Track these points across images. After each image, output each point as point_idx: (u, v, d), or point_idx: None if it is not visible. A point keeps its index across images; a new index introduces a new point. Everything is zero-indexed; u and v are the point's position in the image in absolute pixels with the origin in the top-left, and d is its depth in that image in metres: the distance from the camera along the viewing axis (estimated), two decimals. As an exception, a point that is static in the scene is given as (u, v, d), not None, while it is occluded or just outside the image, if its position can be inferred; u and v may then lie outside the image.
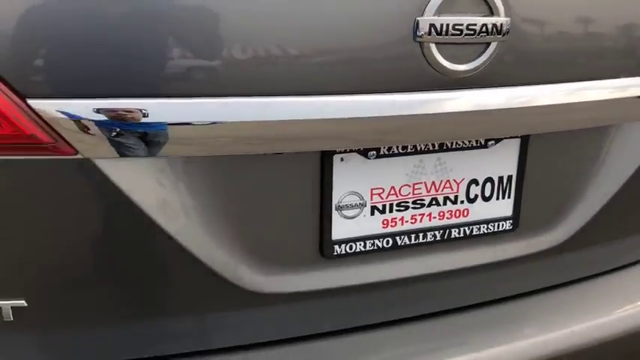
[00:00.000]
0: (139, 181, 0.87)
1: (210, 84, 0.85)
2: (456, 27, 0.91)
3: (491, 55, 0.95)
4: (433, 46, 0.92)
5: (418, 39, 0.91)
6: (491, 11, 0.93)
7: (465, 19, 0.92)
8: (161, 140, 0.85)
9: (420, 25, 0.90)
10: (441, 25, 0.90)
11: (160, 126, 0.84)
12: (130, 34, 0.80)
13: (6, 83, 0.78)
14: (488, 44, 0.95)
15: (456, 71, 0.94)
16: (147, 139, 0.84)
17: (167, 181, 0.89)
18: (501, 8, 0.94)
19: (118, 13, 0.79)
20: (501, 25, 0.94)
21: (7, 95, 0.78)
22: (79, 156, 0.83)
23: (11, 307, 0.89)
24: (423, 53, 0.92)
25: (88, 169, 0.84)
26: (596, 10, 1.04)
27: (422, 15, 0.90)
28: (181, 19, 0.82)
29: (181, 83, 0.84)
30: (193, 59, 0.84)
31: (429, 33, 0.91)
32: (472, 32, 0.92)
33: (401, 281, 1.10)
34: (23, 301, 0.89)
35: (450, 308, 1.16)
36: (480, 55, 0.95)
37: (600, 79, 1.08)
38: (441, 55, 0.93)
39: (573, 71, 1.05)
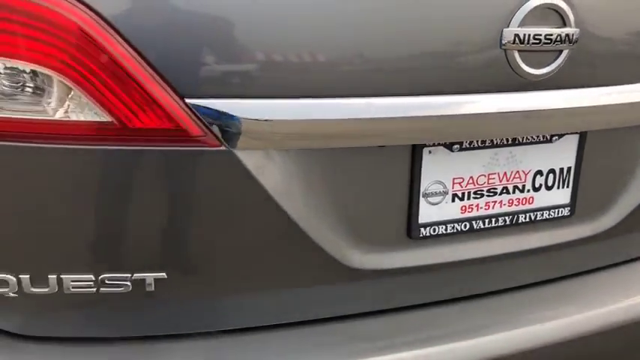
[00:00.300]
0: (269, 169, 1.01)
1: (329, 86, 1.00)
2: (536, 37, 1.06)
3: (562, 60, 1.10)
4: (516, 53, 1.06)
5: (503, 47, 1.06)
6: (564, 23, 1.08)
7: (543, 30, 1.06)
8: (288, 135, 1.00)
9: (506, 35, 1.05)
10: (524, 35, 1.05)
11: (289, 123, 0.98)
12: (268, 40, 0.95)
13: (170, 85, 0.92)
14: (560, 51, 1.09)
15: (533, 75, 1.09)
16: (278, 134, 0.99)
17: (289, 170, 1.03)
18: (572, 20, 1.08)
19: (266, 19, 0.94)
20: (572, 34, 1.08)
21: (170, 95, 0.92)
22: (222, 147, 0.97)
23: (154, 279, 1.03)
24: (506, 59, 1.06)
25: (228, 158, 0.98)
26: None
27: (507, 26, 1.05)
28: (314, 27, 0.96)
29: (309, 86, 0.98)
30: (322, 64, 0.98)
31: (513, 42, 1.05)
32: (549, 41, 1.07)
33: (474, 261, 1.24)
34: (164, 274, 1.03)
35: (515, 286, 1.30)
36: (553, 61, 1.10)
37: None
38: (522, 61, 1.07)
39: (628, 75, 1.20)
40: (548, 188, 1.26)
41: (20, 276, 0.99)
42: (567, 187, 1.28)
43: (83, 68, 0.88)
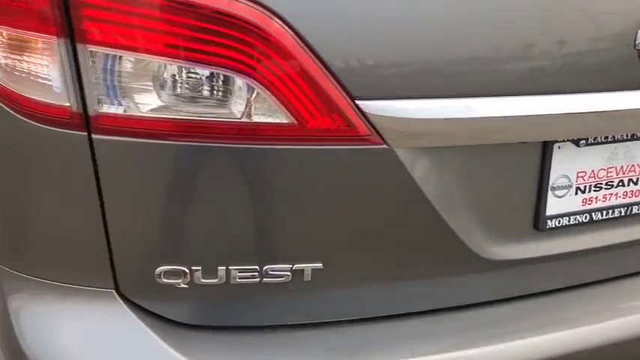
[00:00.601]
0: (421, 166, 1.08)
1: (480, 87, 1.06)
2: (667, 37, 1.12)
3: (686, 59, 1.16)
4: (647, 53, 1.13)
5: (636, 47, 1.12)
6: (691, 24, 1.14)
7: (675, 31, 1.13)
8: (441, 133, 1.06)
9: (640, 36, 1.11)
10: (657, 36, 1.11)
11: (443, 122, 1.05)
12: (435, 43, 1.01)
13: (343, 87, 0.98)
14: (685, 50, 1.16)
15: (662, 73, 1.15)
16: (433, 132, 1.05)
17: (438, 166, 1.10)
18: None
19: (427, 25, 1.00)
20: (697, 34, 1.15)
21: (343, 97, 0.98)
22: (384, 146, 1.03)
23: (311, 269, 1.10)
24: (639, 59, 1.13)
25: (388, 155, 1.04)
26: None
27: (642, 28, 1.11)
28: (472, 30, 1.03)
29: (463, 86, 1.05)
30: (474, 65, 1.04)
31: (646, 42, 1.12)
32: (678, 41, 1.13)
33: (592, 250, 1.30)
34: (320, 264, 1.10)
35: (629, 273, 1.37)
36: (679, 60, 1.16)
37: None
38: (653, 61, 1.13)
39: None
40: (660, 181, 1.33)
41: (193, 268, 1.06)
42: (676, 179, 1.34)
43: (268, 71, 0.95)
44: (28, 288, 1.09)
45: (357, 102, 1.00)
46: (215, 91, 0.96)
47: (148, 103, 0.95)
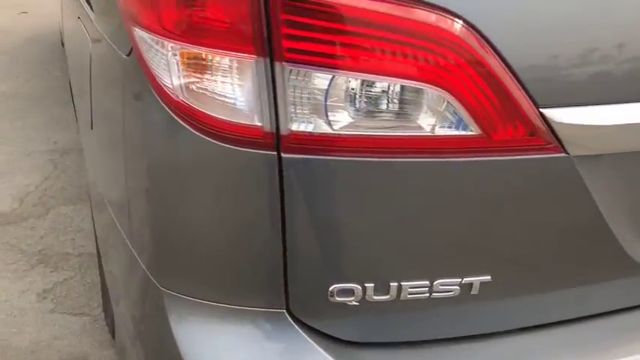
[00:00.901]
0: (594, 173, 1.05)
1: None
2: None
3: None
4: None
5: None
6: None
7: None
8: (619, 140, 1.04)
9: None
10: None
11: (621, 128, 1.03)
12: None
13: (529, 95, 0.96)
14: None
15: None
16: (612, 139, 1.03)
17: (608, 173, 1.08)
18: None
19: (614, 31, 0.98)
20: None
21: (529, 104, 0.96)
22: (563, 154, 1.01)
23: (479, 283, 1.08)
24: None
25: (566, 164, 1.02)
26: None
27: None
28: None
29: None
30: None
31: None
32: None
33: None
34: (489, 277, 1.08)
35: None
36: None
37: None
38: None
39: None
40: None
41: (366, 284, 1.03)
42: None
43: (459, 81, 0.92)
44: (193, 310, 1.06)
45: (541, 110, 0.97)
46: (405, 105, 0.93)
47: (339, 120, 0.92)
